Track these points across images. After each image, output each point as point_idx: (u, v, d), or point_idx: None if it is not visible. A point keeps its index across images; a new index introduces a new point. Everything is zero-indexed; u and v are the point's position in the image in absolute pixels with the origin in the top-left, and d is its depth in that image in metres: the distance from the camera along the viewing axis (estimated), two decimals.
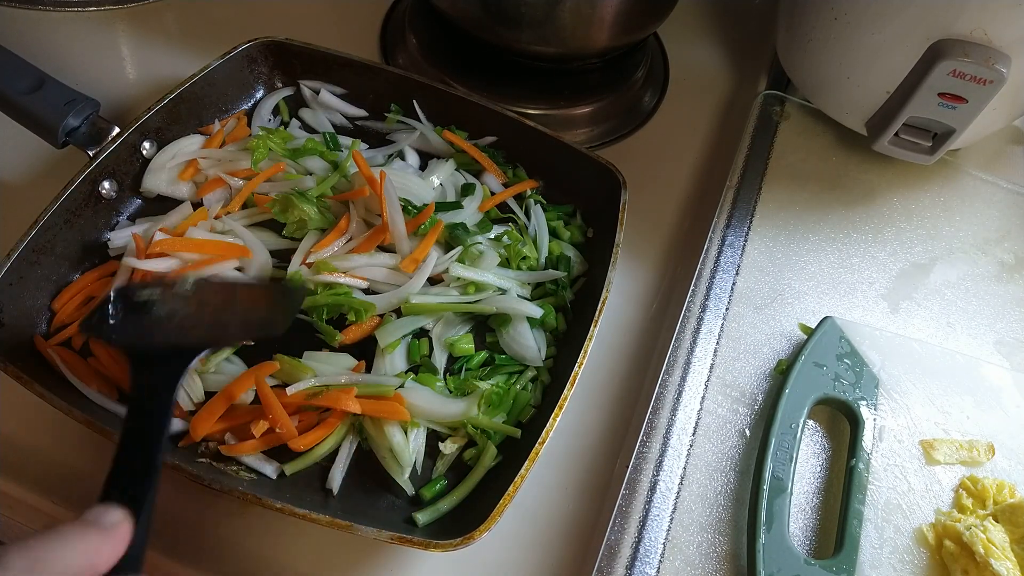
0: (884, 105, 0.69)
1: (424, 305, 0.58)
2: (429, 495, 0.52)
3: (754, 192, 0.72)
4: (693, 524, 0.52)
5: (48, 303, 0.56)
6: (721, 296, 0.64)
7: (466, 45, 0.77)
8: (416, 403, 0.54)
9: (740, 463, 0.55)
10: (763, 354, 0.62)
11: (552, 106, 0.77)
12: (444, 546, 0.44)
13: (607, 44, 0.74)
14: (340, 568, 0.50)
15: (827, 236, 0.71)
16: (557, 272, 0.63)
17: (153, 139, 0.64)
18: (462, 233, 0.62)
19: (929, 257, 0.72)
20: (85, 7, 0.79)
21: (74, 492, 0.50)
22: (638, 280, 0.68)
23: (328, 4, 0.85)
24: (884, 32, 0.65)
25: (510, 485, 0.47)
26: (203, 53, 0.68)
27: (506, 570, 0.52)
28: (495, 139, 0.70)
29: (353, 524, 0.45)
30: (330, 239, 0.61)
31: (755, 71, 0.86)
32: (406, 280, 0.60)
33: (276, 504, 0.45)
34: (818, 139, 0.79)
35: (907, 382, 0.60)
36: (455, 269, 0.60)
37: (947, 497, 0.55)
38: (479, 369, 0.58)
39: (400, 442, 0.52)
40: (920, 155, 0.71)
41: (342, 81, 0.72)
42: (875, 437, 0.57)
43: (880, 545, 0.52)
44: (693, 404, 0.57)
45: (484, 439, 0.53)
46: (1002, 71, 0.61)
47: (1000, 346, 0.66)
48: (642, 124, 0.81)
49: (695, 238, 0.70)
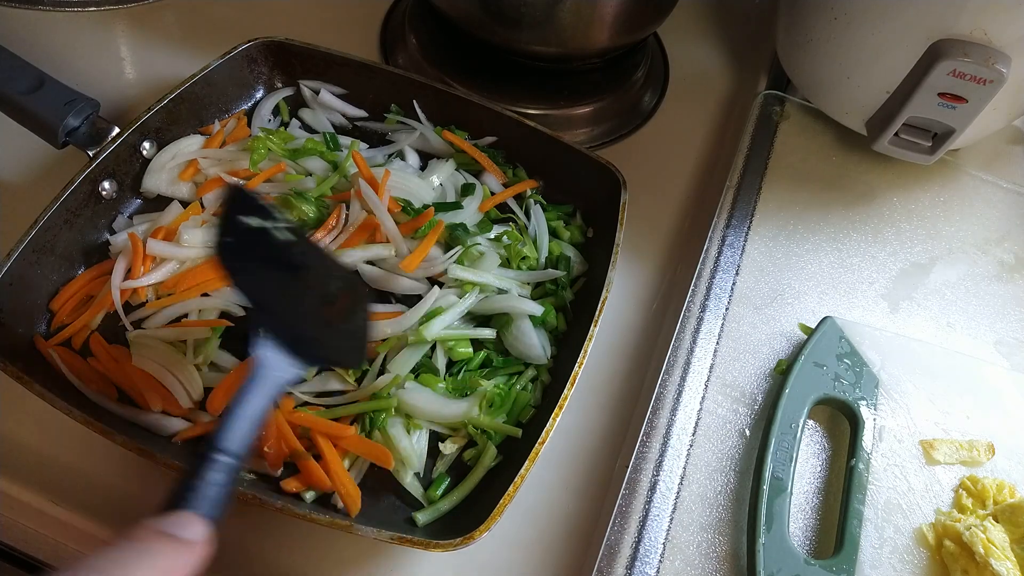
0: (884, 105, 0.69)
1: (433, 338, 0.57)
2: (435, 494, 0.52)
3: (754, 192, 0.72)
4: (693, 524, 0.52)
5: (48, 303, 0.56)
6: (721, 296, 0.64)
7: (466, 45, 0.77)
8: (418, 404, 0.53)
9: (740, 463, 0.55)
10: (763, 354, 0.62)
11: (552, 106, 0.77)
12: (444, 546, 0.44)
13: (607, 44, 0.74)
14: (340, 568, 0.50)
15: (827, 236, 0.71)
16: (557, 271, 0.63)
17: (153, 139, 0.64)
18: (462, 233, 0.62)
19: (929, 257, 0.72)
20: (85, 7, 0.79)
21: (74, 492, 0.50)
22: (638, 280, 0.68)
23: (328, 4, 0.85)
24: (884, 32, 0.65)
25: (510, 485, 0.47)
26: (203, 53, 0.68)
27: (506, 570, 0.52)
28: (495, 139, 0.70)
29: (353, 524, 0.45)
30: (318, 235, 0.61)
31: (755, 71, 0.86)
32: (401, 274, 0.60)
33: (276, 504, 0.45)
34: (818, 139, 0.79)
35: (907, 382, 0.60)
36: (454, 271, 0.60)
37: (947, 497, 0.55)
38: (479, 371, 0.58)
39: (407, 446, 0.52)
40: (920, 155, 0.71)
41: (342, 81, 0.72)
42: (875, 437, 0.57)
43: (880, 545, 0.52)
44: (693, 404, 0.57)
45: (484, 439, 0.54)
46: (1002, 71, 0.61)
47: (1000, 346, 0.66)
48: (642, 124, 0.81)
49: (695, 238, 0.70)
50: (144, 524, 0.30)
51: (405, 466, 0.52)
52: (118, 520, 0.50)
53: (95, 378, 0.53)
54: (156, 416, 0.52)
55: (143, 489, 0.51)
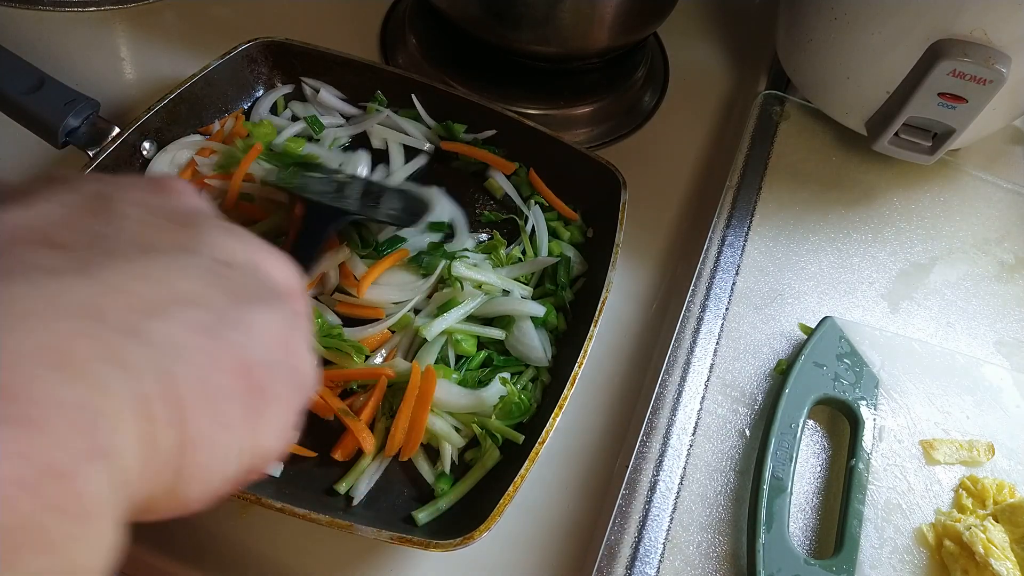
0: (884, 105, 0.69)
1: (436, 335, 0.57)
2: (445, 487, 0.52)
3: (754, 192, 0.72)
4: (693, 524, 0.52)
5: None
6: (721, 296, 0.64)
7: (466, 45, 0.77)
8: (437, 394, 0.54)
9: (740, 463, 0.55)
10: (763, 354, 0.62)
11: (552, 106, 0.77)
12: (444, 546, 0.44)
13: (607, 44, 0.74)
14: (340, 568, 0.50)
15: (827, 236, 0.71)
16: (551, 259, 0.63)
17: (153, 139, 0.64)
18: (434, 256, 0.60)
19: (929, 257, 0.72)
20: (85, 7, 0.79)
21: None
22: (638, 280, 0.68)
23: (328, 4, 0.85)
24: (884, 32, 0.65)
25: (510, 485, 0.47)
26: (203, 53, 0.67)
27: (506, 570, 0.52)
28: (494, 132, 0.70)
29: (353, 524, 0.45)
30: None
31: (755, 71, 0.86)
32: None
33: (276, 504, 0.45)
34: (818, 139, 0.79)
35: (907, 382, 0.60)
36: (457, 269, 0.60)
37: (947, 497, 0.55)
38: (479, 370, 0.58)
39: (443, 426, 0.53)
40: (920, 155, 0.71)
41: (342, 81, 0.72)
42: (875, 437, 0.57)
43: (880, 545, 0.52)
44: (693, 404, 0.57)
45: (488, 441, 0.53)
46: (1002, 71, 0.61)
47: (1000, 346, 0.66)
48: (642, 124, 0.81)
49: (695, 238, 0.70)
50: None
51: (445, 443, 0.53)
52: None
53: None
54: None
55: None
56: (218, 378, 0.22)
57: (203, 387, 0.22)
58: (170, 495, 0.22)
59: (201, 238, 0.25)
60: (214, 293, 0.24)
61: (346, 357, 0.54)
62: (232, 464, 0.24)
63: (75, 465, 0.18)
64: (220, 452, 0.23)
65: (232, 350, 0.23)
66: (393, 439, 0.52)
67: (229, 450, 0.23)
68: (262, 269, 0.27)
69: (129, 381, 0.20)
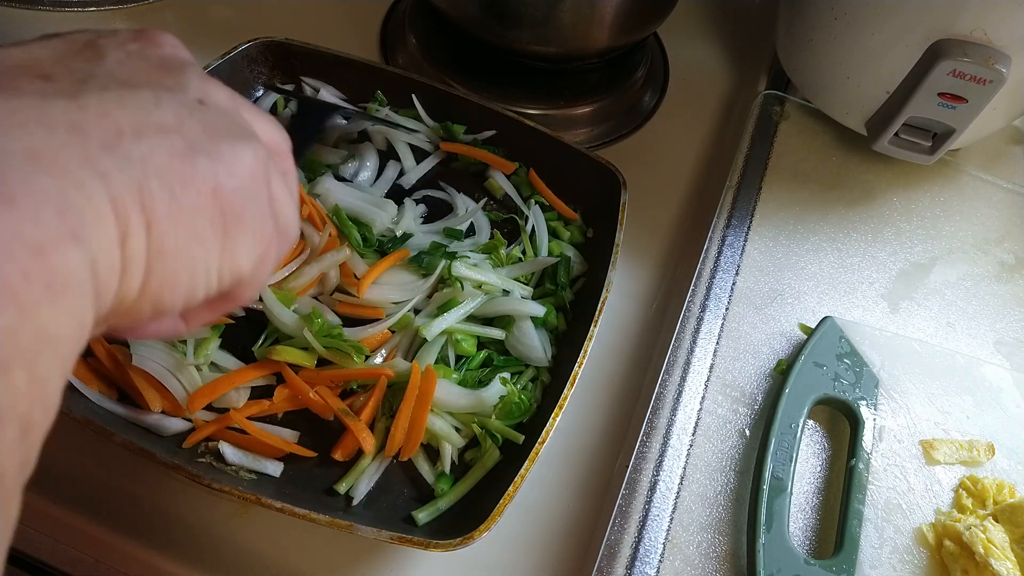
0: (884, 105, 0.69)
1: (436, 335, 0.57)
2: (445, 487, 0.52)
3: (754, 192, 0.72)
4: (693, 524, 0.52)
5: None
6: (721, 296, 0.64)
7: (466, 45, 0.77)
8: (437, 393, 0.54)
9: (740, 463, 0.55)
10: (763, 354, 0.62)
11: (552, 106, 0.77)
12: (444, 546, 0.44)
13: (607, 44, 0.74)
14: (340, 568, 0.50)
15: (827, 236, 0.71)
16: (552, 259, 0.63)
17: None
18: (434, 256, 0.60)
19: (929, 257, 0.72)
20: (85, 7, 0.79)
21: (73, 492, 0.50)
22: (638, 280, 0.68)
23: (328, 4, 0.85)
24: (884, 32, 0.65)
25: (510, 485, 0.47)
26: (203, 53, 0.67)
27: (506, 570, 0.52)
28: (494, 132, 0.70)
29: (353, 524, 0.45)
30: (285, 261, 0.58)
31: (755, 71, 0.86)
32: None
33: (276, 504, 0.45)
34: (818, 139, 0.79)
35: (907, 382, 0.60)
36: (457, 269, 0.60)
37: (947, 497, 0.55)
38: (479, 370, 0.58)
39: (443, 426, 0.53)
40: (920, 155, 0.71)
41: (342, 81, 0.72)
42: (875, 437, 0.57)
43: (880, 545, 0.52)
44: (693, 404, 0.57)
45: (488, 441, 0.53)
46: (1002, 71, 0.61)
47: (1000, 346, 0.66)
48: (642, 124, 0.81)
49: (695, 238, 0.70)
50: None
51: (437, 447, 0.53)
52: (118, 521, 0.50)
53: (95, 378, 0.52)
54: (156, 416, 0.52)
55: (143, 489, 0.51)
56: (189, 196, 0.25)
57: (174, 200, 0.24)
58: (143, 298, 0.24)
59: (183, 81, 0.28)
60: (191, 124, 0.26)
61: (346, 357, 0.54)
62: (203, 278, 0.26)
63: (49, 242, 0.20)
64: (188, 263, 0.25)
65: (203, 173, 0.26)
66: (393, 439, 0.52)
67: (197, 262, 0.26)
68: (241, 115, 0.30)
69: (105, 186, 0.22)
